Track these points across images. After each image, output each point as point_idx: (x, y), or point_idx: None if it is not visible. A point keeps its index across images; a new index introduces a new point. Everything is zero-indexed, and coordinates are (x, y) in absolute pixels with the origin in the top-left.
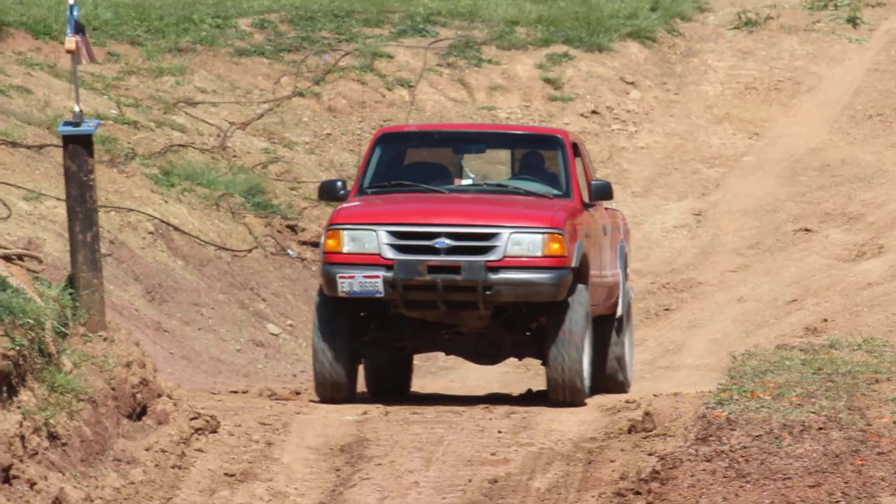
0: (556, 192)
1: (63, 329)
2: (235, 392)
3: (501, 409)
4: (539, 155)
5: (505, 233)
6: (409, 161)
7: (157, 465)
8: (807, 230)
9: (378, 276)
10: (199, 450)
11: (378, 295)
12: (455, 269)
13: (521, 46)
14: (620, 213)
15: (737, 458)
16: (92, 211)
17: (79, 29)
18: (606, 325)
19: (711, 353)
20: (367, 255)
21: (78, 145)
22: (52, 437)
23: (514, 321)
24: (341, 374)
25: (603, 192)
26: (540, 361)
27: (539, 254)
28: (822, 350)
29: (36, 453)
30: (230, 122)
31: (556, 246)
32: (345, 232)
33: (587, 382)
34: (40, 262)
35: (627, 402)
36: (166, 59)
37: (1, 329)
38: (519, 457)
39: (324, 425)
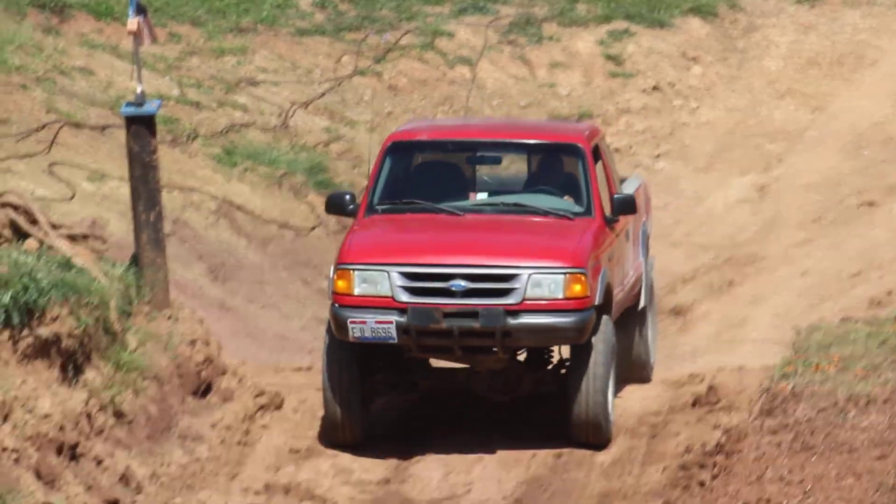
0: (576, 209)
1: (128, 308)
2: (299, 369)
3: None
4: (557, 162)
5: (524, 274)
6: (421, 168)
7: (222, 442)
8: (870, 203)
9: (391, 322)
10: (264, 426)
11: (391, 341)
12: (472, 314)
13: (581, 23)
14: (642, 183)
15: (802, 431)
16: (155, 191)
17: (140, 10)
18: (630, 316)
19: (775, 326)
20: (380, 297)
21: (140, 126)
22: (118, 414)
23: (532, 358)
24: (351, 418)
25: (625, 206)
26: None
27: (560, 296)
28: (886, 323)
29: (102, 431)
30: (291, 102)
31: (578, 287)
32: (356, 272)
33: (611, 418)
34: (104, 241)
35: (692, 375)
36: (227, 39)
37: (66, 308)
38: None
39: (388, 399)
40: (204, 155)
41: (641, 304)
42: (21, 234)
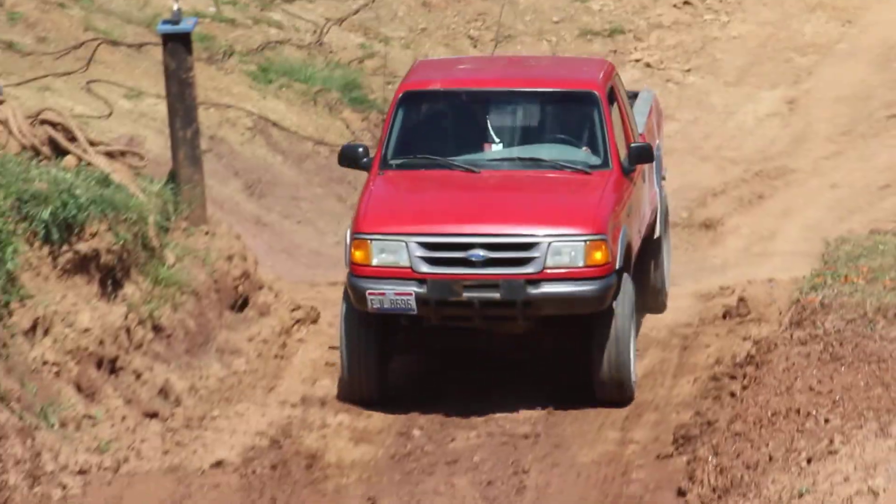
0: (593, 160)
1: (165, 223)
2: (334, 283)
3: None
4: (572, 111)
5: (544, 243)
6: (434, 118)
7: (259, 356)
8: None
9: (411, 294)
10: (300, 340)
11: (411, 313)
12: (492, 285)
13: None
14: (653, 99)
15: (831, 342)
16: (191, 108)
17: None
18: (645, 246)
19: (805, 239)
20: (398, 268)
21: (177, 43)
22: (157, 328)
23: (553, 321)
24: (369, 380)
25: (643, 155)
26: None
27: (581, 264)
28: None
29: (141, 345)
30: (326, 19)
31: (598, 255)
32: (373, 242)
33: (633, 376)
34: (142, 158)
35: (722, 288)
36: None
37: (105, 224)
38: None
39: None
40: (240, 72)
41: (657, 233)
42: (60, 152)
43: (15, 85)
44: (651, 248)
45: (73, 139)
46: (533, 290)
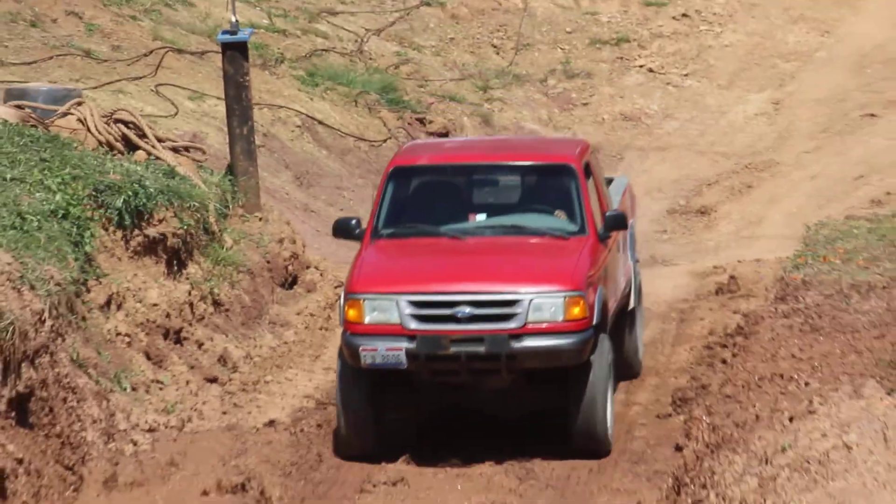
0: (571, 227)
1: (224, 210)
2: None
3: None
4: (550, 182)
5: (526, 299)
6: (422, 191)
7: (306, 327)
8: (872, 115)
9: (401, 349)
10: None
11: (401, 367)
12: (478, 339)
13: None
14: (627, 184)
15: (811, 315)
16: (247, 108)
17: None
18: (620, 316)
19: (788, 224)
20: (389, 325)
21: (235, 51)
22: (216, 303)
23: (535, 376)
24: (362, 434)
25: (617, 223)
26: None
27: (560, 319)
28: (885, 220)
29: (203, 318)
30: (366, 29)
31: (577, 310)
32: (366, 302)
33: (610, 431)
34: (204, 152)
35: (715, 267)
36: None
37: (171, 211)
38: None
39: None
40: (290, 76)
41: (631, 304)
42: (132, 147)
43: (92, 88)
44: (626, 318)
45: (143, 136)
46: (515, 344)
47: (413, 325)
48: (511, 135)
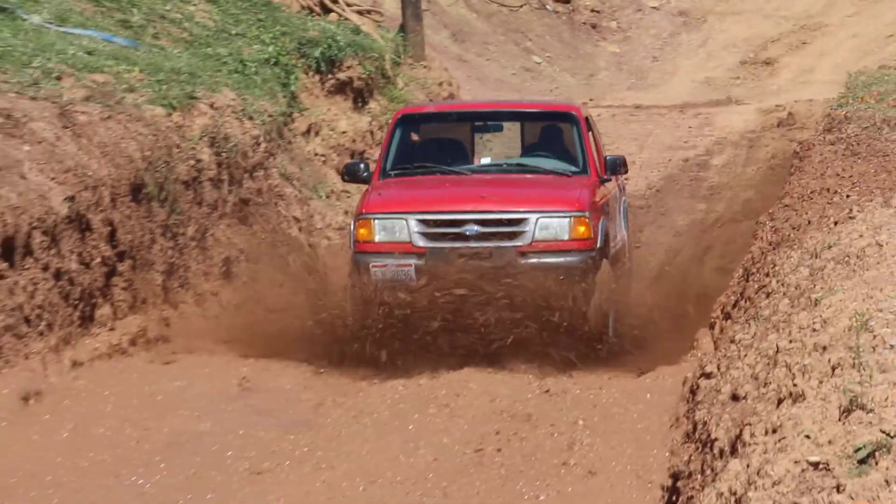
0: (573, 168)
1: (397, 60)
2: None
3: (691, 111)
4: (552, 130)
5: (532, 217)
6: (428, 140)
7: None
8: None
9: (411, 265)
10: None
11: (411, 282)
12: (485, 255)
13: None
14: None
15: (851, 143)
16: None
17: None
18: (618, 269)
19: (834, 72)
20: (399, 243)
21: None
22: None
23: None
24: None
25: (618, 165)
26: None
27: (566, 237)
28: None
29: (381, 142)
30: None
31: (582, 229)
32: (376, 221)
33: (611, 331)
34: (381, 15)
35: (777, 106)
36: None
37: (356, 60)
38: (703, 143)
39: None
40: None
41: (626, 264)
42: (326, 10)
43: None
44: (622, 273)
45: (335, 1)
46: (523, 261)
47: (422, 242)
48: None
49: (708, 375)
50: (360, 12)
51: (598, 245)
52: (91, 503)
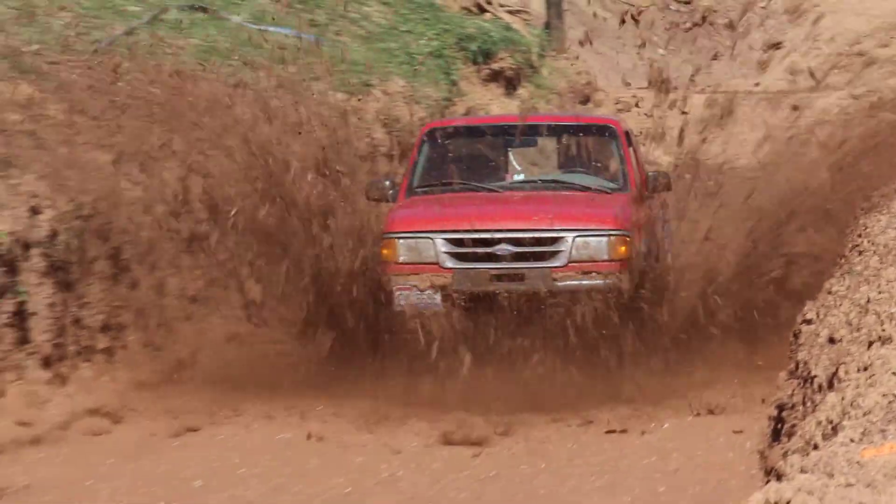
0: (612, 185)
1: (542, 53)
2: (641, 88)
3: (793, 96)
4: (589, 145)
5: (569, 236)
6: (457, 156)
7: None
8: None
9: (437, 291)
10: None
11: (437, 309)
12: (519, 277)
13: None
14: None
15: None
16: None
17: None
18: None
19: None
20: (425, 264)
21: None
22: None
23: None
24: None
25: (660, 182)
26: None
27: (605, 258)
28: None
29: None
30: None
31: (622, 249)
32: (400, 241)
33: None
34: (529, 14)
35: (868, 91)
36: None
37: (508, 53)
38: (804, 124)
39: None
40: None
41: None
42: (482, 9)
43: None
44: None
45: (489, 2)
46: (559, 284)
47: (450, 263)
48: None
49: (808, 322)
50: (511, 11)
51: (639, 266)
52: None
